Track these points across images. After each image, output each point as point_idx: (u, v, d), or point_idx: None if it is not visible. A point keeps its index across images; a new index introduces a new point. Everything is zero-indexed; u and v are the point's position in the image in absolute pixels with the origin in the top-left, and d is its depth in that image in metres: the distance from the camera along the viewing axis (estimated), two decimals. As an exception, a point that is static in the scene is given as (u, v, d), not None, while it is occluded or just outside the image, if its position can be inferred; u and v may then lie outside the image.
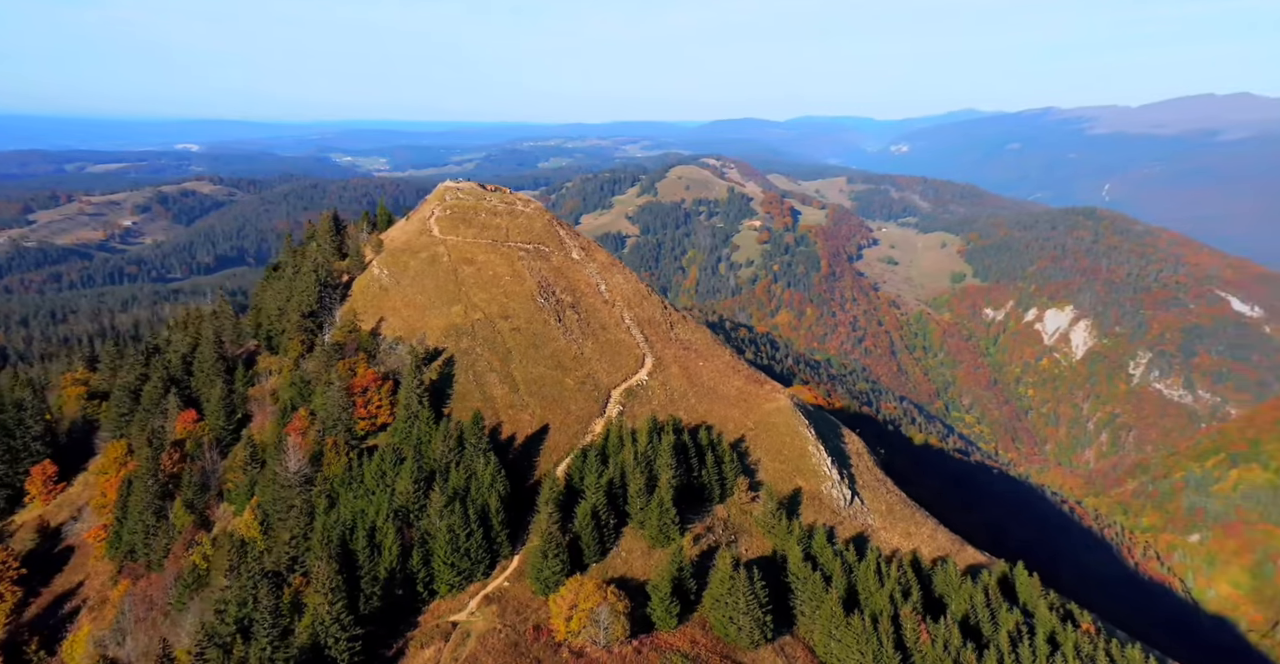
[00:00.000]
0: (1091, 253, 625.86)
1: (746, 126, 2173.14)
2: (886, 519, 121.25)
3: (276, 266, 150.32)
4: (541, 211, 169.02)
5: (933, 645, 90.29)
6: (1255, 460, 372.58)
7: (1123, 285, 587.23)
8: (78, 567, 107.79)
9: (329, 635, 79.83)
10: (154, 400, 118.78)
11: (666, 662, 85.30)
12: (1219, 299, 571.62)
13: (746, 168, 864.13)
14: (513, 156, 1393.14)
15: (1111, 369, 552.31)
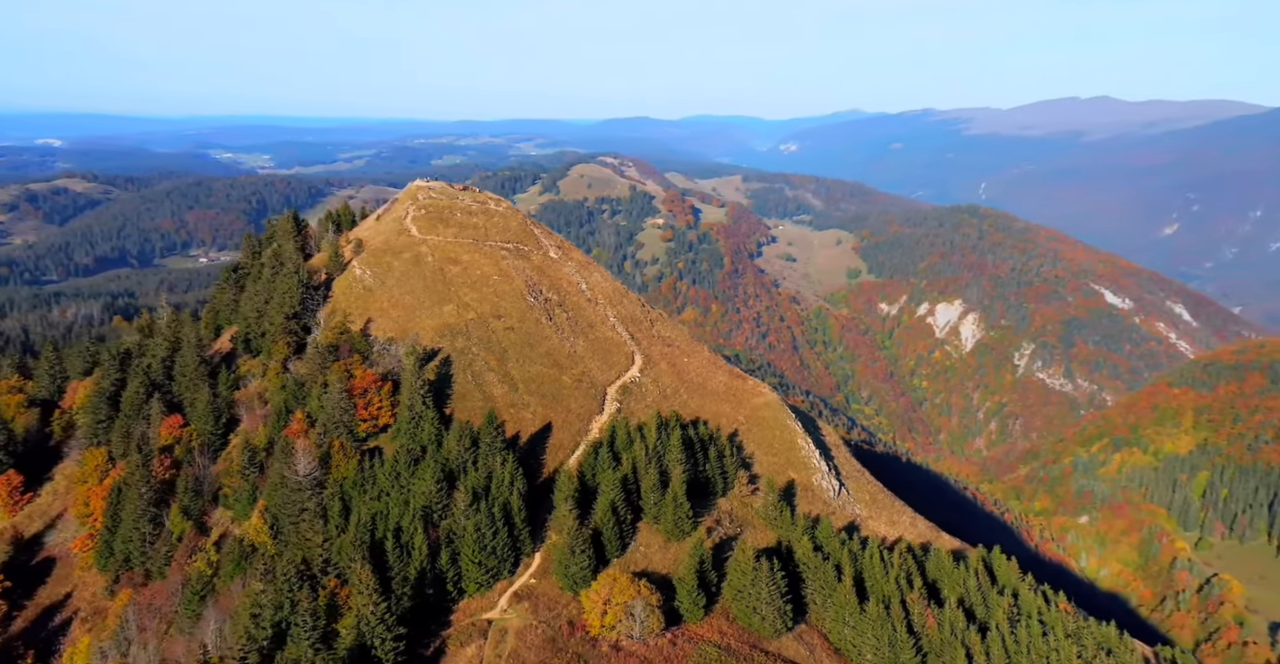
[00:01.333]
0: (977, 249, 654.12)
1: (640, 125, 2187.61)
2: (871, 508, 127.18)
3: (236, 268, 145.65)
4: (514, 210, 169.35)
5: (939, 629, 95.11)
6: (1136, 444, 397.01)
7: (1007, 280, 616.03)
8: (62, 578, 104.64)
9: (374, 636, 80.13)
10: (135, 406, 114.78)
11: (701, 653, 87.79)
12: (1094, 292, 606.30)
13: (645, 166, 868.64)
14: (404, 154, 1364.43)
15: (998, 360, 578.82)
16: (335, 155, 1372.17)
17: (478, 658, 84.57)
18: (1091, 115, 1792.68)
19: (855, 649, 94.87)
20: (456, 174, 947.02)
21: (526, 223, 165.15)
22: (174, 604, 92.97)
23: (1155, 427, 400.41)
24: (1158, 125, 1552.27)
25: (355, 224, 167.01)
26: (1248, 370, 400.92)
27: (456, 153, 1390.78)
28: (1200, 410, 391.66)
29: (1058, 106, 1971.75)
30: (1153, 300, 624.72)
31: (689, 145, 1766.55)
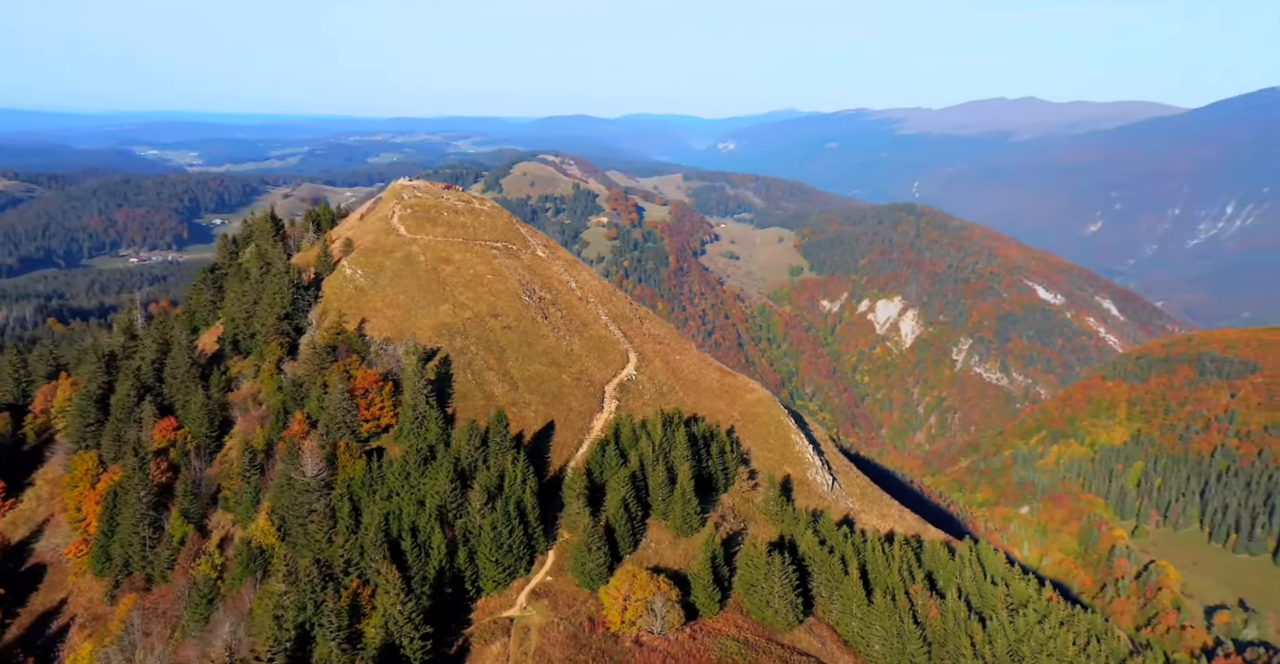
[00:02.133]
0: (915, 246, 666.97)
1: (579, 123, 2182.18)
2: (863, 502, 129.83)
3: (213, 268, 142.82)
4: (500, 209, 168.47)
5: (942, 620, 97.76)
6: (1073, 436, 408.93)
7: (944, 277, 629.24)
8: (55, 584, 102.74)
9: (403, 635, 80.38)
10: (126, 409, 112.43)
11: (722, 647, 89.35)
12: (1027, 288, 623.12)
13: (586, 164, 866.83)
14: (339, 151, 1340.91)
15: (937, 356, 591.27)
16: (267, 153, 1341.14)
17: (503, 655, 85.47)
18: (1018, 116, 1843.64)
19: (863, 640, 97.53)
20: (394, 171, 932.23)
21: (512, 222, 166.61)
22: (180, 608, 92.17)
23: (1091, 418, 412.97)
24: (1081, 126, 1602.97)
25: (335, 223, 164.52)
26: (1177, 363, 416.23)
27: (393, 150, 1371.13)
28: (1133, 402, 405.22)
29: (986, 107, 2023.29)
30: (1083, 296, 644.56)
31: (628, 144, 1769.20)
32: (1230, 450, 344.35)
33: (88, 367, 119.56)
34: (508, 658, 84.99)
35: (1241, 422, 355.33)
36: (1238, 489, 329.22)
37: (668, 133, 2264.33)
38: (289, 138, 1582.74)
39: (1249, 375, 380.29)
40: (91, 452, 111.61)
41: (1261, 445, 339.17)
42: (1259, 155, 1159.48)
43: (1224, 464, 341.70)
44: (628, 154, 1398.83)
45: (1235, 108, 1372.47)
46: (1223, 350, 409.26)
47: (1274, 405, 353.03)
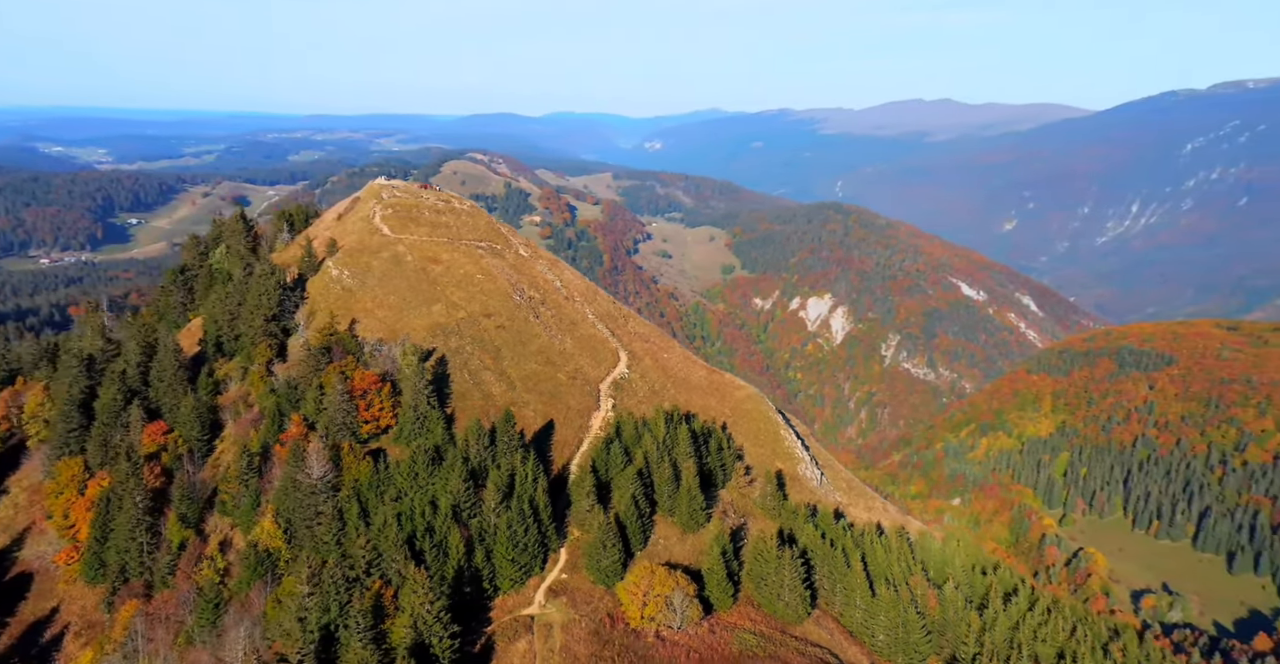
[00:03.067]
0: (844, 245, 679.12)
1: (503, 121, 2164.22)
2: (849, 495, 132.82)
3: (183, 269, 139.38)
4: (479, 209, 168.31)
5: (941, 609, 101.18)
6: (1001, 429, 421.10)
7: (872, 274, 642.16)
8: (45, 592, 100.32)
9: (432, 634, 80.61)
10: (113, 414, 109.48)
11: (741, 640, 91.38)
12: (952, 285, 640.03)
13: (515, 163, 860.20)
14: (257, 149, 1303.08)
15: (867, 351, 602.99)
16: (180, 150, 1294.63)
17: (530, 653, 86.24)
18: (935, 117, 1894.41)
19: (866, 631, 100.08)
20: (318, 170, 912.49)
21: (493, 222, 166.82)
22: (184, 614, 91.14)
23: (1017, 411, 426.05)
24: (995, 127, 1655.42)
25: (308, 223, 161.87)
26: (1098, 356, 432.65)
27: (314, 148, 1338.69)
28: (1057, 395, 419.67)
29: (904, 108, 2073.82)
30: (1003, 292, 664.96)
31: (554, 142, 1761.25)
32: (1150, 440, 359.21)
33: (68, 370, 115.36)
34: (534, 655, 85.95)
35: (1160, 412, 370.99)
36: (1158, 477, 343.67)
37: (594, 132, 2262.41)
38: (203, 134, 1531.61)
39: (1165, 367, 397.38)
40: (77, 457, 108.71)
41: (1179, 435, 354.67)
42: (1161, 156, 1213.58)
43: (1145, 453, 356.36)
44: (554, 153, 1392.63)
45: (1138, 110, 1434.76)
46: (1140, 344, 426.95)
47: (1190, 396, 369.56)
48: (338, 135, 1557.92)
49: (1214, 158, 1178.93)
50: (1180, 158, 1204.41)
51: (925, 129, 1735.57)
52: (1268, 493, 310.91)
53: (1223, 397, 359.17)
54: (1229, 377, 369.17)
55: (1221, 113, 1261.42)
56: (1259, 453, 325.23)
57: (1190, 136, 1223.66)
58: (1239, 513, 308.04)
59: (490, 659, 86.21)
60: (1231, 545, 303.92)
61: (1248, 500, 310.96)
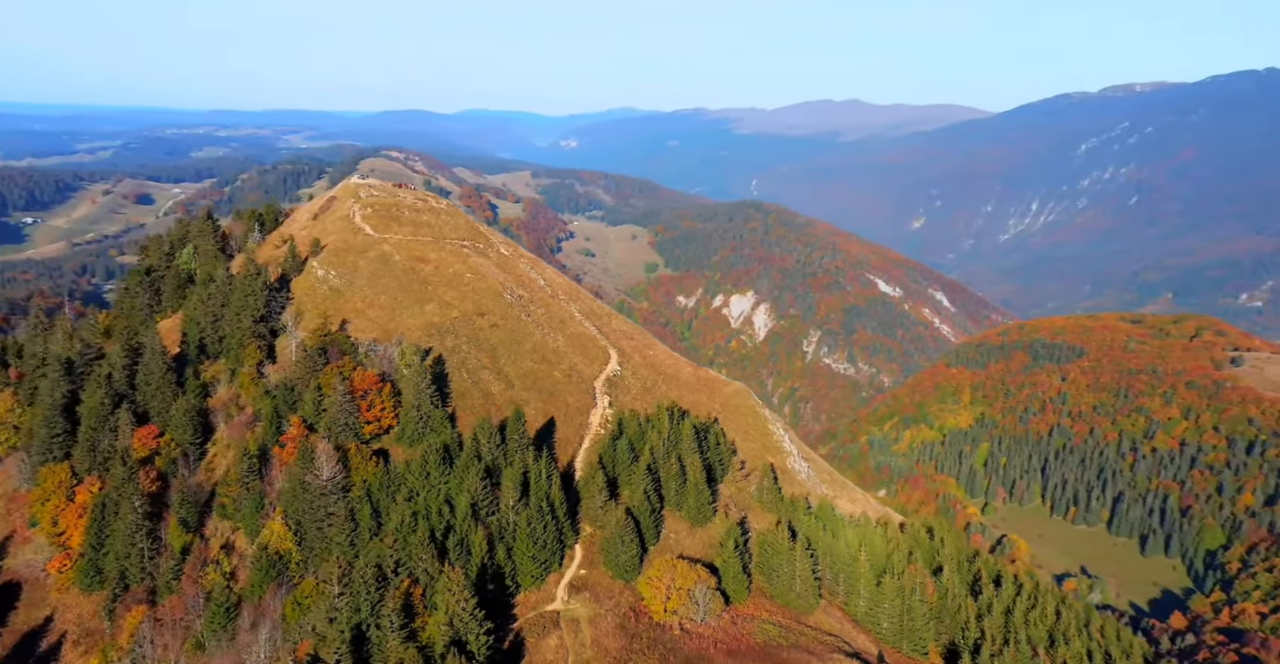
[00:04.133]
0: (765, 243, 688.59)
1: (416, 118, 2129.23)
2: (833, 487, 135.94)
3: (149, 271, 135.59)
4: (456, 208, 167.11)
5: (939, 596, 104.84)
6: (923, 421, 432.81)
7: (793, 272, 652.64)
8: (36, 601, 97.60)
9: (468, 631, 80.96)
10: (100, 418, 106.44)
11: (763, 630, 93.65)
12: (869, 282, 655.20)
13: (432, 161, 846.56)
14: (157, 145, 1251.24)
15: (789, 347, 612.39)
16: (73, 146, 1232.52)
17: (562, 648, 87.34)
18: (845, 117, 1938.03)
19: (870, 619, 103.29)
20: (225, 167, 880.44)
21: (471, 221, 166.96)
22: (193, 619, 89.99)
23: (938, 404, 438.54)
24: (903, 127, 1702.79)
25: (279, 222, 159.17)
26: (1012, 349, 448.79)
27: (218, 144, 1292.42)
28: (976, 387, 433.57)
29: (816, 108, 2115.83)
30: (918, 289, 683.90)
31: (468, 140, 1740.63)
32: (1065, 429, 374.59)
33: (51, 374, 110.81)
34: (567, 650, 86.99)
35: (1073, 402, 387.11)
36: (1074, 465, 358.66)
37: (508, 130, 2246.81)
38: (97, 130, 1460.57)
39: (1076, 359, 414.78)
40: (63, 464, 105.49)
41: (1091, 424, 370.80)
42: (1057, 157, 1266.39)
43: (1060, 442, 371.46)
44: (469, 150, 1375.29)
45: (1034, 112, 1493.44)
46: (1052, 337, 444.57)
47: (1100, 387, 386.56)
48: (242, 132, 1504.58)
49: (1106, 158, 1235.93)
50: (1075, 158, 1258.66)
51: (836, 129, 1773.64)
52: (1175, 478, 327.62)
53: (1131, 387, 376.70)
54: (1136, 367, 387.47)
55: (1112, 115, 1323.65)
56: (1166, 440, 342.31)
57: (1084, 137, 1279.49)
58: (1150, 498, 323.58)
59: (521, 655, 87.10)
60: (1144, 529, 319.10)
61: (1158, 485, 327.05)
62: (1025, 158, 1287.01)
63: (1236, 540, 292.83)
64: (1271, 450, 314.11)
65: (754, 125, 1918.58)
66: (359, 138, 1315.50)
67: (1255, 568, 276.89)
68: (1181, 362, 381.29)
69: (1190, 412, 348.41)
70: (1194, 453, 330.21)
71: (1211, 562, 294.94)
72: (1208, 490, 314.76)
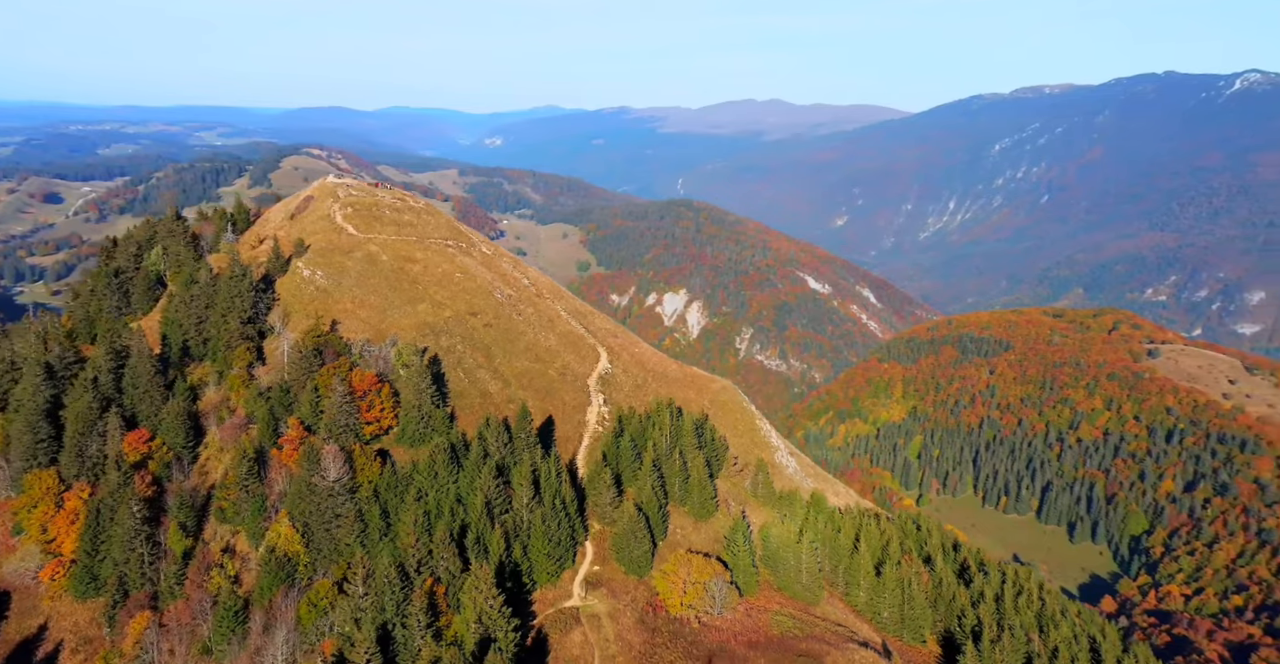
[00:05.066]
0: (696, 241, 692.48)
1: (335, 115, 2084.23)
2: (818, 481, 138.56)
3: (117, 273, 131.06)
4: (434, 207, 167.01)
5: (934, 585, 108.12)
6: (857, 415, 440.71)
7: (725, 270, 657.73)
8: (28, 610, 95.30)
9: (496, 628, 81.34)
10: (88, 423, 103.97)
11: (777, 622, 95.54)
12: (799, 279, 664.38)
13: (354, 158, 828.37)
14: (61, 141, 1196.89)
15: (722, 345, 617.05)
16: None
17: (587, 643, 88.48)
18: (768, 116, 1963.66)
19: (871, 608, 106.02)
20: (137, 165, 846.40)
21: (451, 220, 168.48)
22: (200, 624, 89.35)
23: (872, 398, 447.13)
24: (824, 127, 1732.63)
25: (251, 223, 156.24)
26: (941, 344, 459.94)
27: (126, 141, 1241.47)
28: (907, 382, 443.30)
29: (739, 107, 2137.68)
30: (846, 285, 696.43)
31: (390, 137, 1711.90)
32: (994, 421, 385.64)
33: (32, 379, 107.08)
34: (592, 645, 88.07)
35: (1001, 395, 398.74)
36: (1003, 456, 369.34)
37: (431, 127, 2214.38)
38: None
39: (1003, 353, 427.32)
40: (49, 470, 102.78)
41: (1020, 416, 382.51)
42: (973, 156, 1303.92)
43: (990, 434, 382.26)
44: (391, 148, 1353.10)
45: (950, 113, 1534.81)
46: (979, 332, 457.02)
47: (1026, 379, 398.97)
48: (152, 128, 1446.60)
49: (1019, 157, 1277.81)
50: (989, 158, 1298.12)
51: (760, 128, 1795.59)
52: (1100, 466, 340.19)
53: (1055, 379, 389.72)
54: (1060, 360, 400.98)
55: (1023, 115, 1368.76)
56: (1090, 430, 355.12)
57: (997, 137, 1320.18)
58: (1077, 486, 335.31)
59: (546, 651, 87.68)
60: (1072, 516, 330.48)
61: (1084, 474, 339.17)
62: (942, 157, 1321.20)
63: (1159, 526, 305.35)
64: (1189, 438, 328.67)
65: (679, 124, 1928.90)
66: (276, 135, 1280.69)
67: (1177, 551, 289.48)
68: (1102, 354, 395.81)
69: (1112, 402, 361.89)
70: (1117, 442, 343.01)
71: (1136, 547, 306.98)
72: (1131, 478, 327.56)
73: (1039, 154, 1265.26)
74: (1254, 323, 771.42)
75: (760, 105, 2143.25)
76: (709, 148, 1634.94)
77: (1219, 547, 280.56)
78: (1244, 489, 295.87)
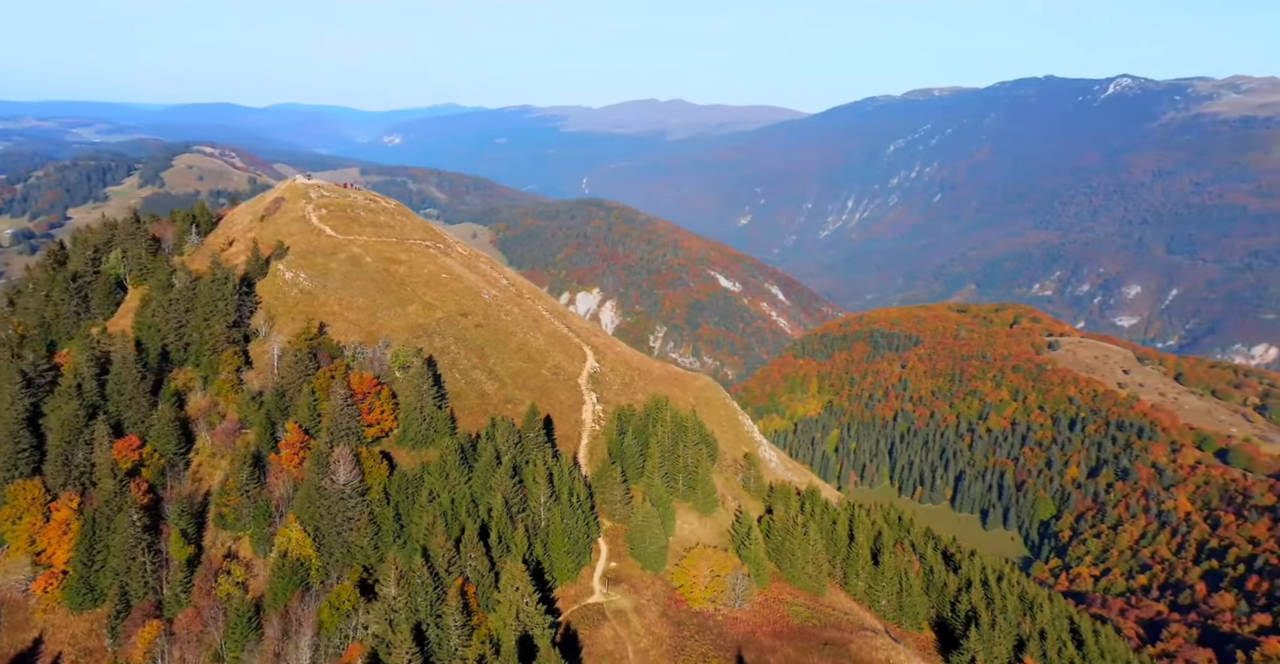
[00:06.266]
0: (608, 240, 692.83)
1: (222, 111, 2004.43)
2: (797, 474, 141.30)
3: (74, 277, 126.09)
4: (405, 208, 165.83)
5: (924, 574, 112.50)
6: (775, 411, 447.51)
7: (638, 268, 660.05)
8: (19, 624, 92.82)
9: (534, 625, 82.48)
10: (74, 431, 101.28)
11: (794, 612, 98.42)
12: (710, 278, 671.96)
13: (249, 157, 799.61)
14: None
15: (636, 343, 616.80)
16: None
17: (618, 638, 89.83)
18: (670, 116, 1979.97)
19: (870, 597, 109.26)
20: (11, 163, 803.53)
21: (426, 221, 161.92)
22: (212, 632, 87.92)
23: (788, 394, 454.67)
24: (726, 127, 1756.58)
25: (215, 224, 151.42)
26: (854, 340, 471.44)
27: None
28: (822, 377, 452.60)
29: (642, 107, 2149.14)
30: (755, 283, 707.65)
31: (282, 135, 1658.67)
32: (908, 414, 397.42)
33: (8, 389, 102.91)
34: (624, 640, 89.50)
35: (913, 388, 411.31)
36: (918, 448, 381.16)
37: (325, 125, 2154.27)
38: None
39: (914, 347, 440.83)
40: (34, 480, 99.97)
41: (931, 408, 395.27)
42: (869, 156, 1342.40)
43: (904, 426, 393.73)
44: (285, 146, 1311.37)
45: (846, 114, 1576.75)
46: (889, 327, 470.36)
47: (936, 373, 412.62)
48: (24, 124, 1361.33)
49: (912, 158, 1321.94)
50: (885, 158, 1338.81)
51: (663, 128, 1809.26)
52: (1009, 455, 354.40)
53: (964, 372, 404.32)
54: (967, 353, 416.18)
55: (915, 117, 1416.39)
56: (999, 420, 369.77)
57: (892, 138, 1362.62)
58: (988, 475, 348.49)
59: (578, 647, 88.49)
60: (984, 504, 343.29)
61: (994, 463, 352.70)
62: (840, 157, 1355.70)
63: (1066, 510, 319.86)
64: (1090, 426, 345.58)
65: (581, 123, 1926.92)
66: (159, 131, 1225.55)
67: (1084, 535, 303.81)
68: (1006, 347, 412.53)
69: (1018, 393, 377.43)
70: (1024, 431, 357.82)
71: (1045, 531, 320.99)
72: (1038, 465, 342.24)
73: (931, 154, 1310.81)
74: (1131, 316, 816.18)
75: (663, 105, 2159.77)
76: (612, 147, 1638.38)
77: (1123, 529, 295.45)
78: (1143, 473, 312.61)
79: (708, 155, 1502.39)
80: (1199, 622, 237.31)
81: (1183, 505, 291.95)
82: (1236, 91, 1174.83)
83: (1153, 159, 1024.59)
